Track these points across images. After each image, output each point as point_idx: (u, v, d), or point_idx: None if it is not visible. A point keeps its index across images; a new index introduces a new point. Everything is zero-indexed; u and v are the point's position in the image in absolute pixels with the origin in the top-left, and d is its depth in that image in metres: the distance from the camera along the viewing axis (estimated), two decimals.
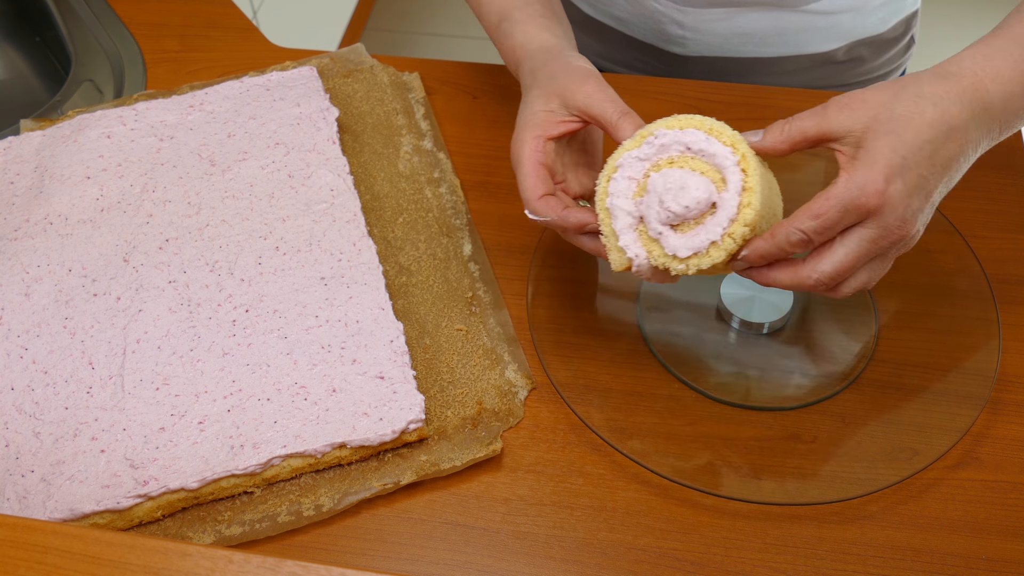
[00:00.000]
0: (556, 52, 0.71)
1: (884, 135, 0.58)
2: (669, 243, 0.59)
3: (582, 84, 0.66)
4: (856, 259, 0.59)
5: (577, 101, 0.66)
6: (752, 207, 0.58)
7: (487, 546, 0.66)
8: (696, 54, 0.94)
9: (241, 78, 0.92)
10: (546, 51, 0.71)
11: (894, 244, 0.60)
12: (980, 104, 0.60)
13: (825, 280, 0.60)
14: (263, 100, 0.89)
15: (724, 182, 0.59)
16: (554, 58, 0.70)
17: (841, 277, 0.60)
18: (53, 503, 0.65)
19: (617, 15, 0.95)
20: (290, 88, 0.90)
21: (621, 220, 0.61)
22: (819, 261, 0.60)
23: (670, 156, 0.61)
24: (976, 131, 0.60)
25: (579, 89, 0.66)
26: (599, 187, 0.63)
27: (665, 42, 0.94)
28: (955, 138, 0.59)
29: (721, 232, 0.58)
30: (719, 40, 0.92)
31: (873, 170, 0.57)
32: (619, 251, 0.61)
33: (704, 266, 0.59)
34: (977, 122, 0.60)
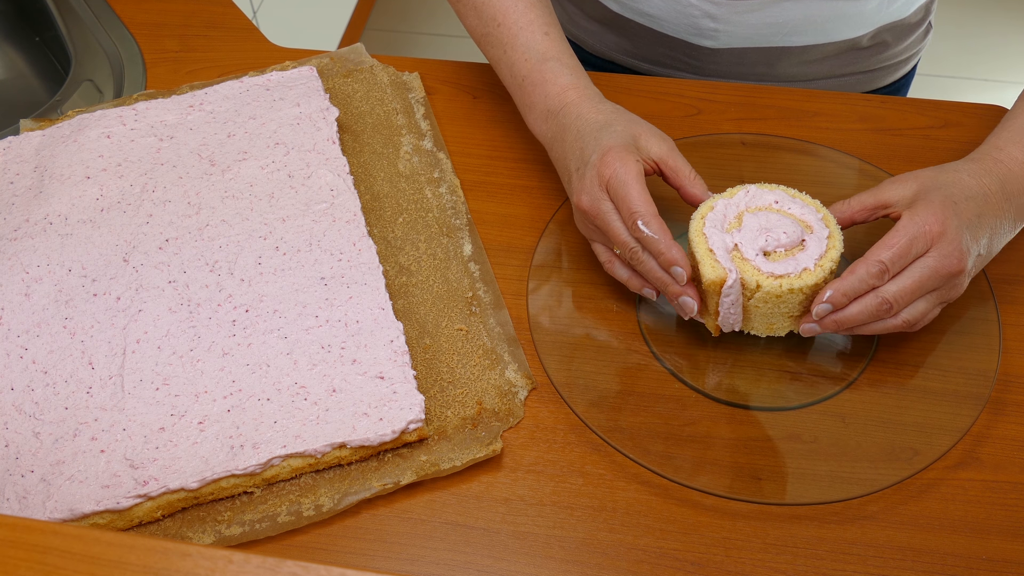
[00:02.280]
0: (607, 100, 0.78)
1: (935, 190, 0.68)
2: (763, 266, 0.70)
3: (660, 140, 0.74)
4: (918, 284, 0.67)
5: (656, 150, 0.74)
6: (837, 248, 0.71)
7: (487, 546, 0.66)
8: (726, 46, 0.95)
9: (241, 78, 0.92)
10: (601, 96, 0.78)
11: (951, 276, 0.67)
12: (1010, 177, 0.70)
13: (892, 300, 0.67)
14: (263, 100, 0.89)
15: (810, 228, 0.72)
16: (616, 107, 0.77)
17: (908, 299, 0.67)
18: (53, 503, 0.65)
19: (647, 12, 0.96)
20: (290, 88, 0.90)
21: (718, 244, 0.71)
22: (889, 284, 0.67)
23: (758, 206, 0.74)
24: (1005, 201, 0.70)
25: (657, 142, 0.74)
26: (694, 219, 0.73)
27: (696, 36, 0.95)
28: (990, 202, 0.69)
29: (813, 262, 0.70)
30: (751, 31, 0.93)
31: (932, 208, 0.67)
32: (714, 265, 0.70)
33: (795, 286, 0.69)
34: (1006, 193, 0.70)
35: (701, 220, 0.73)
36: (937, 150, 0.88)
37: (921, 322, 0.70)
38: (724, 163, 0.85)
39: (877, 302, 0.67)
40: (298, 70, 0.92)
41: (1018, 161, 0.71)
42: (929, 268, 0.67)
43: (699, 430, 0.71)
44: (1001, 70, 2.37)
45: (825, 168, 0.85)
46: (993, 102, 0.93)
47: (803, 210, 0.74)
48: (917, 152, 0.88)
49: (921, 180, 0.70)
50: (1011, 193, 0.70)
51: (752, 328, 0.74)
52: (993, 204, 0.69)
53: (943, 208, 0.67)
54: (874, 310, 0.68)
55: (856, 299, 0.68)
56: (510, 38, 0.80)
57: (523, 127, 0.91)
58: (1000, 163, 0.71)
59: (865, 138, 0.89)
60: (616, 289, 0.79)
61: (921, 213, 0.67)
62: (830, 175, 0.84)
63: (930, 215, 0.67)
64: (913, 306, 0.68)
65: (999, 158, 0.72)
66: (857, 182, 0.84)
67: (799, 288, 0.70)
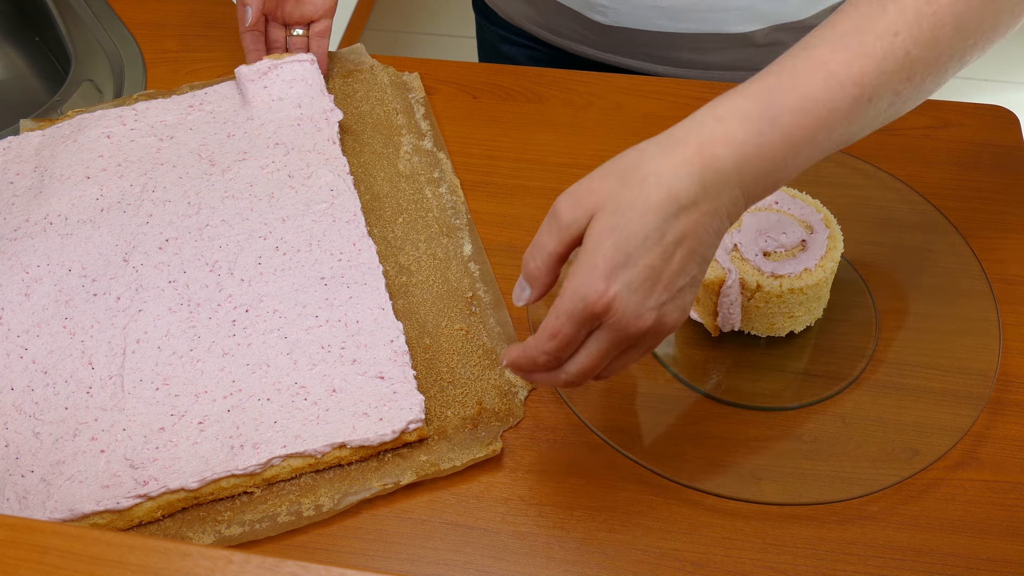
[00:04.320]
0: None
1: (607, 232, 0.56)
2: (763, 267, 0.70)
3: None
4: (599, 358, 0.59)
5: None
6: (837, 249, 0.71)
7: (487, 546, 0.66)
8: (617, 24, 0.95)
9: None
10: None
11: (636, 337, 0.58)
12: (710, 172, 0.57)
13: (574, 380, 0.60)
14: (262, 99, 0.89)
15: (811, 229, 0.72)
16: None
17: (591, 375, 0.60)
18: (53, 503, 0.65)
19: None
20: (291, 86, 0.89)
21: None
22: (568, 364, 0.60)
23: (758, 206, 0.73)
24: (711, 201, 0.57)
25: None
26: None
27: (590, 10, 0.95)
28: (685, 215, 0.56)
29: (814, 263, 0.70)
30: (638, 12, 0.93)
31: (593, 276, 0.56)
32: (713, 266, 0.70)
33: (796, 286, 0.70)
34: (709, 192, 0.57)
35: None
36: (937, 150, 0.88)
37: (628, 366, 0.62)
38: None
39: (562, 381, 0.60)
40: (299, 64, 0.90)
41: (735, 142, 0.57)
42: (606, 341, 0.58)
43: (699, 430, 0.71)
44: (1001, 70, 2.37)
45: (825, 168, 0.85)
46: (993, 102, 0.93)
47: (803, 210, 0.74)
48: (917, 152, 0.88)
49: (601, 201, 0.57)
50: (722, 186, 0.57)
51: (752, 328, 0.74)
52: (689, 214, 0.57)
53: (609, 271, 0.56)
54: (562, 386, 0.61)
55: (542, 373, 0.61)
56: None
57: (523, 127, 0.91)
58: (707, 149, 0.57)
59: (865, 138, 0.89)
60: None
61: (580, 283, 0.56)
62: (830, 175, 0.84)
63: (592, 290, 0.56)
64: (611, 366, 0.61)
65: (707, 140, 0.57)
66: (857, 182, 0.84)
67: (799, 289, 0.70)
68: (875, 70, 0.59)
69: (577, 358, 0.59)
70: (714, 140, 0.57)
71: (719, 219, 0.58)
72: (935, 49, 0.60)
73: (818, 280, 0.70)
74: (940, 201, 0.83)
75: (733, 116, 0.58)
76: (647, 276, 0.56)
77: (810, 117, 0.58)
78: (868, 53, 0.59)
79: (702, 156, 0.57)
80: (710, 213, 0.57)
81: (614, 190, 0.57)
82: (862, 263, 0.79)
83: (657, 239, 0.56)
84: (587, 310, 0.56)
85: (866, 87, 0.59)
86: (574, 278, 0.57)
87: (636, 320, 0.57)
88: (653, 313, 0.57)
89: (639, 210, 0.56)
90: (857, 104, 0.59)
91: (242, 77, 0.90)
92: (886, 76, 0.59)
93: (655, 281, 0.57)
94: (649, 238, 0.56)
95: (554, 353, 0.59)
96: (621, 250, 0.56)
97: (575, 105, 0.93)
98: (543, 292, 0.61)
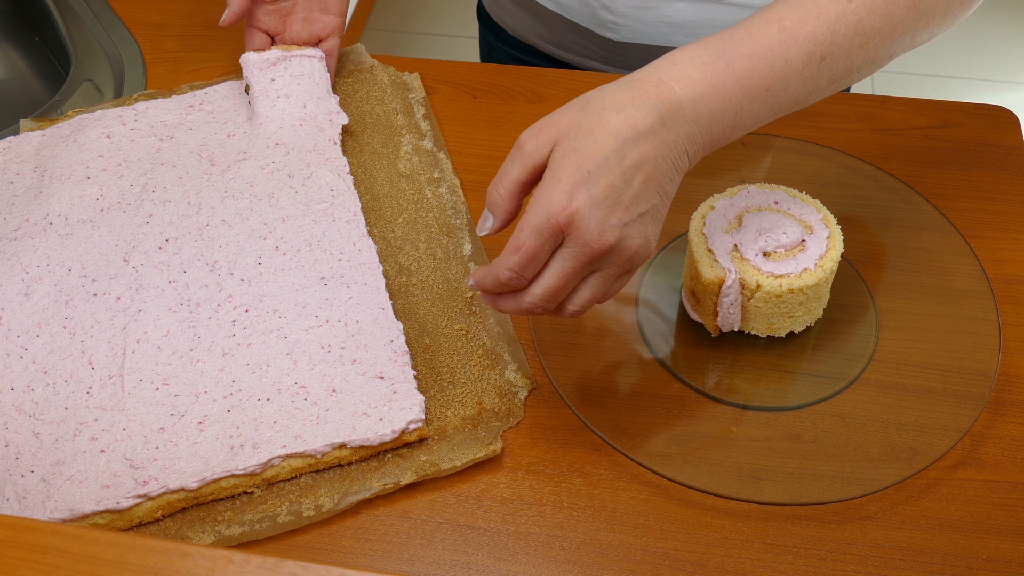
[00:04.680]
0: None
1: (569, 152, 0.58)
2: (763, 267, 0.70)
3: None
4: (565, 278, 0.60)
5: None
6: (837, 249, 0.71)
7: (487, 546, 0.66)
8: (629, 41, 0.95)
9: (241, 78, 0.92)
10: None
11: (599, 257, 0.59)
12: (667, 105, 0.59)
13: (540, 303, 0.61)
14: (268, 94, 0.89)
15: (811, 229, 0.72)
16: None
17: (557, 297, 0.61)
18: (53, 503, 0.65)
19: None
20: (298, 82, 0.89)
21: (718, 244, 0.71)
22: (533, 286, 0.61)
23: (759, 206, 0.74)
24: (668, 131, 0.59)
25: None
26: (694, 219, 0.74)
27: (600, 27, 0.95)
28: (644, 141, 0.59)
29: (814, 263, 0.70)
30: (649, 28, 0.93)
31: (556, 189, 0.58)
32: (712, 266, 0.70)
33: (796, 286, 0.70)
34: (666, 123, 0.59)
35: (701, 220, 0.74)
36: (937, 150, 0.88)
37: (602, 299, 0.63)
38: (724, 163, 0.85)
39: (527, 306, 0.61)
40: (304, 59, 0.90)
41: (689, 80, 0.60)
42: (570, 258, 0.59)
43: (699, 430, 0.71)
44: (1001, 70, 2.37)
45: (825, 168, 0.85)
46: (993, 102, 0.93)
47: (803, 210, 0.74)
48: (917, 152, 0.88)
49: (563, 129, 0.59)
50: (679, 119, 0.60)
51: (752, 328, 0.74)
52: (647, 140, 0.59)
53: (571, 186, 0.57)
54: (527, 311, 0.62)
55: (508, 296, 0.62)
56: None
57: (522, 127, 0.91)
58: (664, 85, 0.60)
59: (865, 138, 0.89)
60: None
61: (544, 197, 0.58)
62: (830, 175, 0.84)
63: (555, 202, 0.57)
64: (577, 296, 0.62)
65: (664, 79, 0.60)
66: (857, 182, 0.84)
67: (799, 288, 0.70)
68: (827, 30, 0.62)
69: (542, 278, 0.60)
70: (671, 77, 0.60)
71: (676, 151, 0.60)
72: (889, 21, 0.63)
73: (818, 280, 0.70)
74: (940, 201, 0.83)
75: (689, 59, 0.61)
76: (608, 194, 0.58)
77: (763, 63, 0.61)
78: (822, 14, 0.62)
79: (659, 90, 0.60)
80: (667, 143, 0.60)
81: (575, 119, 0.59)
82: (862, 263, 0.79)
83: (617, 160, 0.58)
84: (550, 222, 0.58)
85: (818, 44, 0.62)
86: (538, 194, 0.59)
87: (599, 236, 0.58)
88: (616, 231, 0.59)
89: (599, 134, 0.58)
90: (811, 60, 0.62)
91: (249, 65, 0.88)
92: (839, 38, 0.63)
93: (616, 200, 0.58)
94: (609, 159, 0.58)
95: (518, 269, 0.59)
96: (583, 167, 0.58)
97: None
98: (507, 221, 0.62)
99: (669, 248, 0.81)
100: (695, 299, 0.74)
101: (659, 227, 0.62)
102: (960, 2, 0.67)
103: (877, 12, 0.63)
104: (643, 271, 0.79)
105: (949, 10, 0.66)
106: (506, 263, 0.60)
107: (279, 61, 0.89)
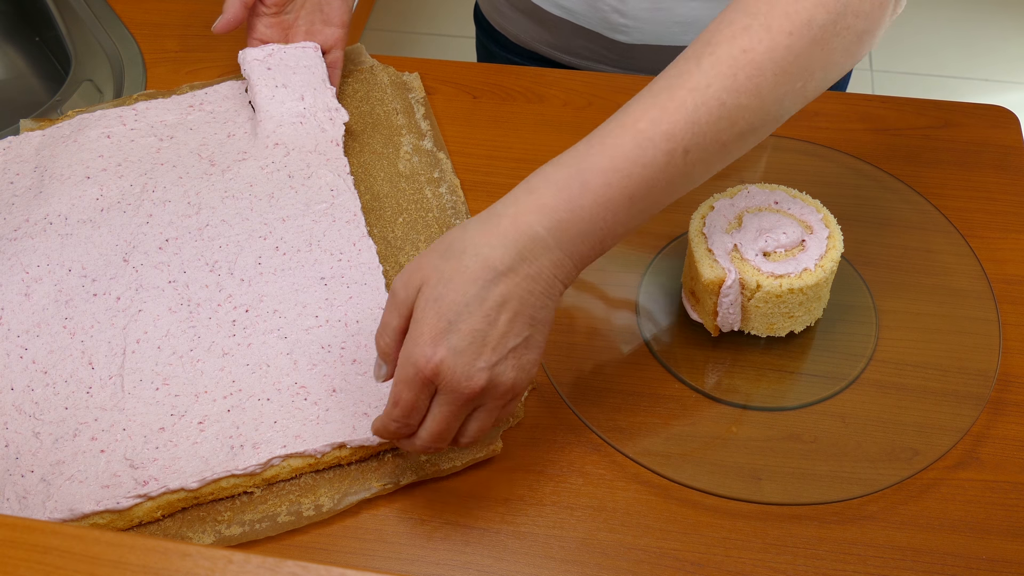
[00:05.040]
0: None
1: (430, 303, 0.59)
2: (763, 267, 0.70)
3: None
4: (446, 421, 0.62)
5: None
6: (837, 249, 0.71)
7: (487, 546, 0.66)
8: (640, 42, 0.95)
9: (241, 79, 0.92)
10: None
11: (473, 399, 0.61)
12: (525, 239, 0.59)
13: (431, 445, 0.63)
14: (267, 85, 0.87)
15: (811, 229, 0.72)
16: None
17: (445, 438, 0.63)
18: (53, 503, 0.65)
19: (562, 4, 0.96)
20: (294, 72, 0.89)
21: (717, 244, 0.71)
22: (420, 430, 0.63)
23: (759, 206, 0.74)
24: (530, 265, 0.60)
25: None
26: (694, 219, 0.74)
27: (610, 31, 0.95)
28: (503, 280, 0.59)
29: (814, 263, 0.70)
30: (660, 29, 0.93)
31: (420, 342, 0.59)
32: (712, 265, 0.70)
33: (796, 286, 0.70)
34: (526, 257, 0.60)
35: (701, 220, 0.74)
36: (937, 150, 0.88)
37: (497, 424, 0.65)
38: None
39: (421, 448, 0.63)
40: (303, 50, 0.89)
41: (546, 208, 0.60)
42: (446, 404, 0.61)
43: (699, 430, 0.71)
44: (1001, 70, 2.37)
45: (825, 168, 0.85)
46: (993, 102, 0.93)
47: (803, 210, 0.74)
48: (917, 152, 0.88)
49: (425, 274, 0.60)
50: (540, 251, 0.60)
51: (752, 328, 0.74)
52: (508, 279, 0.59)
53: (433, 338, 0.59)
54: (423, 451, 0.64)
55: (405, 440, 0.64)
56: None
57: (523, 127, 0.91)
58: (520, 219, 0.60)
59: (865, 138, 0.89)
60: (616, 289, 0.79)
61: (409, 351, 0.60)
62: (830, 175, 0.84)
63: (419, 356, 0.59)
64: (467, 430, 0.63)
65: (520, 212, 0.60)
66: (857, 182, 0.84)
67: (799, 288, 0.70)
68: (686, 122, 0.60)
69: (426, 424, 0.62)
70: (528, 209, 0.60)
71: (543, 280, 0.60)
72: (756, 96, 0.61)
73: (818, 280, 0.70)
74: (940, 201, 0.83)
75: (544, 185, 0.61)
76: (471, 340, 0.59)
77: (619, 175, 0.60)
78: (678, 107, 0.60)
79: (516, 225, 0.60)
80: (531, 276, 0.60)
81: (437, 264, 0.60)
82: (862, 263, 0.79)
83: (478, 305, 0.59)
84: (419, 375, 0.59)
85: (679, 140, 0.60)
86: (405, 347, 0.60)
87: (468, 381, 0.60)
88: (484, 374, 0.60)
89: (458, 280, 0.59)
90: (673, 157, 0.61)
91: (247, 58, 0.88)
92: (701, 127, 0.60)
93: (481, 344, 0.59)
94: (470, 305, 0.59)
95: (401, 420, 0.62)
96: (444, 317, 0.59)
97: (575, 105, 0.93)
98: (392, 356, 0.63)
99: (669, 248, 0.81)
100: (695, 299, 0.74)
101: (539, 351, 0.63)
102: (844, 48, 0.63)
103: (741, 90, 0.60)
104: (643, 271, 0.80)
105: (831, 59, 0.63)
106: (391, 415, 0.62)
107: (274, 52, 0.89)
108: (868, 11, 0.63)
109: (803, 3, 0.61)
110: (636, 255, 0.80)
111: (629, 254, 0.80)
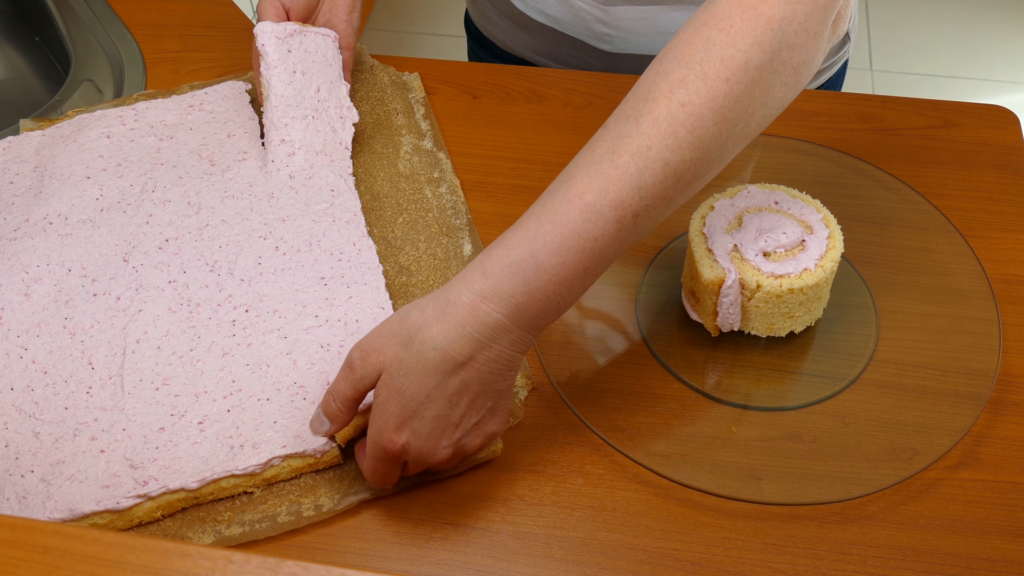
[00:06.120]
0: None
1: (393, 395, 0.61)
2: (763, 267, 0.70)
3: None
4: (422, 470, 0.66)
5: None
6: (837, 249, 0.71)
7: (487, 546, 0.66)
8: (624, 51, 0.95)
9: (241, 78, 0.92)
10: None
11: (443, 465, 0.65)
12: (483, 328, 0.60)
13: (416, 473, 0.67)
14: (285, 66, 0.86)
15: (811, 229, 0.72)
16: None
17: (429, 470, 0.67)
18: (53, 503, 0.65)
19: (547, 12, 0.96)
20: (312, 59, 0.87)
21: (718, 244, 0.71)
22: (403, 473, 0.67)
23: (759, 206, 0.74)
24: (489, 350, 0.61)
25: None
26: (694, 219, 0.74)
27: (595, 39, 0.95)
28: (463, 370, 0.61)
29: (814, 263, 0.70)
30: (644, 39, 0.93)
31: (385, 429, 0.62)
32: (712, 266, 0.70)
33: (796, 286, 0.70)
34: (484, 345, 0.61)
35: (701, 220, 0.74)
36: (937, 150, 0.88)
37: (467, 464, 0.69)
38: None
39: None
40: (321, 36, 0.87)
41: (503, 294, 0.60)
42: (419, 467, 0.65)
43: (699, 430, 0.71)
44: (1001, 70, 2.37)
45: (825, 168, 0.85)
46: (993, 102, 0.93)
47: (803, 210, 0.74)
48: (917, 152, 0.88)
49: (386, 360, 0.61)
50: (496, 335, 0.61)
51: (752, 328, 0.74)
52: (467, 368, 0.61)
53: (397, 425, 0.61)
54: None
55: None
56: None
57: (522, 127, 0.91)
58: (476, 308, 0.60)
59: (865, 138, 0.89)
60: (616, 289, 0.79)
61: (376, 434, 0.62)
62: (830, 175, 0.84)
63: (387, 441, 0.62)
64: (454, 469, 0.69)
65: (476, 300, 0.60)
66: (857, 182, 0.84)
67: (799, 288, 0.70)
68: (632, 188, 0.60)
69: (406, 474, 0.66)
70: (484, 296, 0.60)
71: (503, 359, 0.62)
72: (699, 149, 0.61)
73: (818, 280, 0.70)
74: (940, 201, 0.84)
75: (499, 270, 0.61)
76: (435, 424, 0.62)
77: (574, 252, 0.60)
78: (622, 175, 0.60)
79: (473, 315, 0.60)
80: (491, 360, 0.61)
81: (397, 353, 0.61)
82: (862, 263, 0.79)
83: (439, 394, 0.61)
84: (388, 454, 0.63)
85: (627, 207, 0.60)
86: (371, 428, 0.63)
87: (434, 456, 0.63)
88: (450, 448, 0.63)
89: (418, 373, 0.60)
90: (623, 224, 0.61)
91: (266, 32, 0.85)
92: (647, 190, 0.60)
93: (444, 426, 0.62)
94: (431, 395, 0.61)
95: (382, 483, 0.66)
96: (407, 408, 0.61)
97: (575, 105, 0.93)
98: (340, 427, 0.66)
99: (669, 248, 0.81)
100: (695, 299, 0.74)
101: (505, 413, 0.65)
102: (782, 83, 0.62)
103: (684, 145, 0.60)
104: (643, 271, 0.80)
105: (771, 96, 0.62)
106: (371, 479, 0.65)
107: (295, 34, 0.86)
108: (803, 43, 0.61)
109: (738, 45, 0.60)
110: (636, 255, 0.80)
111: (629, 254, 0.80)
